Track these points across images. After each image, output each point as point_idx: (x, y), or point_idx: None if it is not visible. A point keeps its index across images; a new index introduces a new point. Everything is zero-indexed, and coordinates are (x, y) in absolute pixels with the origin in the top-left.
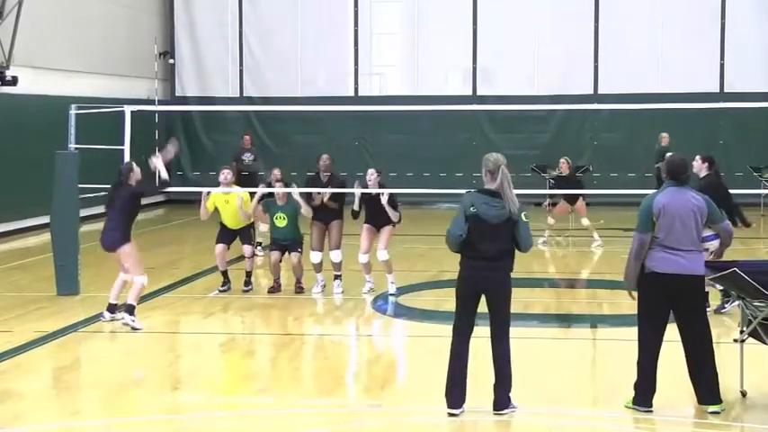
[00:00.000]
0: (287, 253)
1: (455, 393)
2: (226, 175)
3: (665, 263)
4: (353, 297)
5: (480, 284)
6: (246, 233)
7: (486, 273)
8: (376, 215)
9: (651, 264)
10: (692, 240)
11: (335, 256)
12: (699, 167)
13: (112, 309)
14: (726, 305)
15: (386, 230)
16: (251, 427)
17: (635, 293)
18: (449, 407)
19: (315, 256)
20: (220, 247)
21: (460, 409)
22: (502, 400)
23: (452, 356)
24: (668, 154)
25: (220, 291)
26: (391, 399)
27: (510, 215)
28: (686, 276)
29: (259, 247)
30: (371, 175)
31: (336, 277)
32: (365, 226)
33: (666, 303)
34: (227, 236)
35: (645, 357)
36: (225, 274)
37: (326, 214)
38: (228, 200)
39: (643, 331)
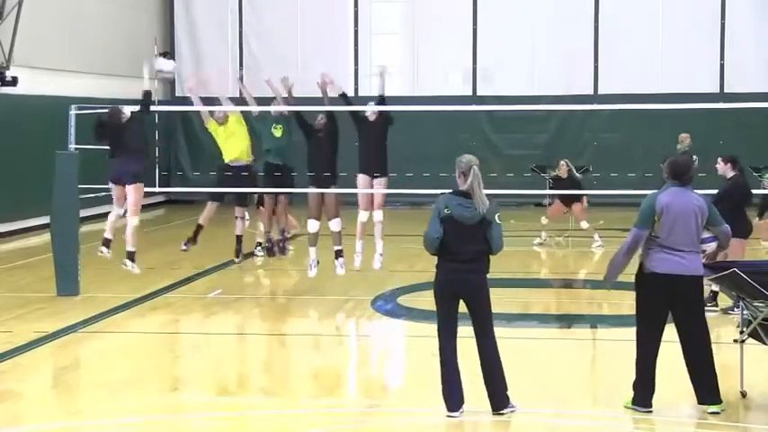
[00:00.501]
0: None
1: (452, 396)
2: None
3: (666, 263)
4: (353, 297)
5: (457, 287)
6: (242, 193)
7: (463, 275)
8: (369, 151)
9: (651, 264)
10: (692, 241)
11: (335, 224)
12: (723, 169)
13: (108, 243)
14: (735, 308)
15: (381, 186)
16: (251, 428)
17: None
18: (448, 410)
19: (312, 225)
20: (214, 204)
21: (460, 411)
22: (499, 400)
23: (442, 361)
24: (694, 157)
25: (183, 248)
26: (391, 399)
27: (484, 216)
28: (687, 277)
29: (259, 248)
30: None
31: (338, 255)
32: (360, 177)
33: (666, 304)
34: (226, 191)
35: (643, 358)
36: (198, 230)
37: (321, 177)
38: (226, 126)
39: (642, 332)
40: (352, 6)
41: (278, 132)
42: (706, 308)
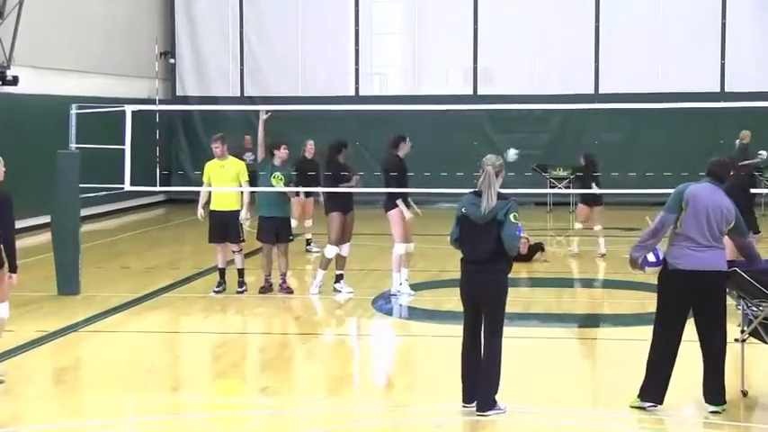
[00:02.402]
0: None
1: (466, 389)
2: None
3: (687, 259)
4: (354, 298)
5: (472, 288)
6: (234, 229)
7: (477, 276)
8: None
9: (674, 261)
10: (714, 236)
11: (346, 250)
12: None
13: None
14: (736, 307)
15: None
16: (251, 428)
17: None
18: (462, 402)
19: (332, 251)
20: (219, 246)
21: (473, 405)
22: (483, 402)
23: (461, 354)
24: (762, 153)
25: (215, 291)
26: (393, 399)
27: (495, 215)
28: (706, 272)
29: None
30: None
31: (339, 278)
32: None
33: (687, 300)
34: (218, 234)
35: (653, 355)
36: (222, 273)
37: (347, 202)
38: (224, 165)
39: (656, 330)
40: (352, 6)
41: (277, 182)
42: None
